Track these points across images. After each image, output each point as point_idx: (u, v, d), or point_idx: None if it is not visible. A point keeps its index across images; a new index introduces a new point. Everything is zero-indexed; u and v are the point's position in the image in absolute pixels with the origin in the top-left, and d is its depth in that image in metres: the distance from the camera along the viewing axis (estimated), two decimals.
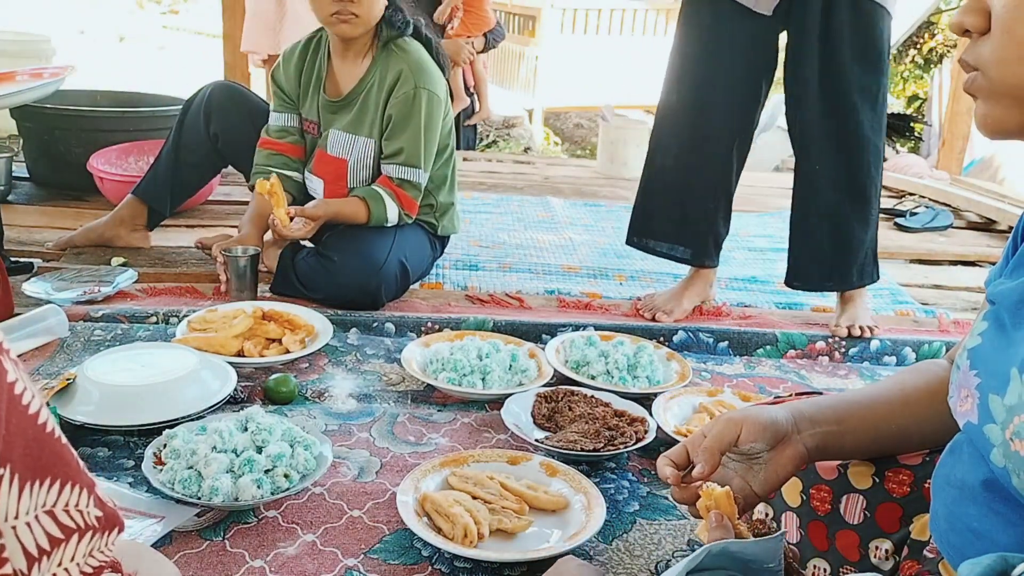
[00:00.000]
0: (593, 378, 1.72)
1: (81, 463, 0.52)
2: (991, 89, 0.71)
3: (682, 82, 2.03)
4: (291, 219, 1.99)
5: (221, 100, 2.27)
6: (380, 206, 2.05)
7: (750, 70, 1.98)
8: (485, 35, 4.44)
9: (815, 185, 2.00)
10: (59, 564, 0.47)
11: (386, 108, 2.06)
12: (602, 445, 1.43)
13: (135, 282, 2.10)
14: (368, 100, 2.08)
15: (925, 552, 0.88)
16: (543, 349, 1.82)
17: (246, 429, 1.32)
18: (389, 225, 2.08)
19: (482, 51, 4.19)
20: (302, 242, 2.15)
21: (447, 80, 2.16)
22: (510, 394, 1.60)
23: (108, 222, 2.34)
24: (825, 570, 1.01)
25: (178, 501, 1.22)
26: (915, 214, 3.30)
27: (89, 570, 0.49)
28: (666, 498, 1.37)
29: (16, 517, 0.43)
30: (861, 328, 2.05)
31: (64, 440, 0.50)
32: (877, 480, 0.97)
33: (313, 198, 2.17)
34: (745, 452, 0.95)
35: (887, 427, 0.94)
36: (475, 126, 4.52)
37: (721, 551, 0.75)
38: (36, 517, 0.45)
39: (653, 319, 2.10)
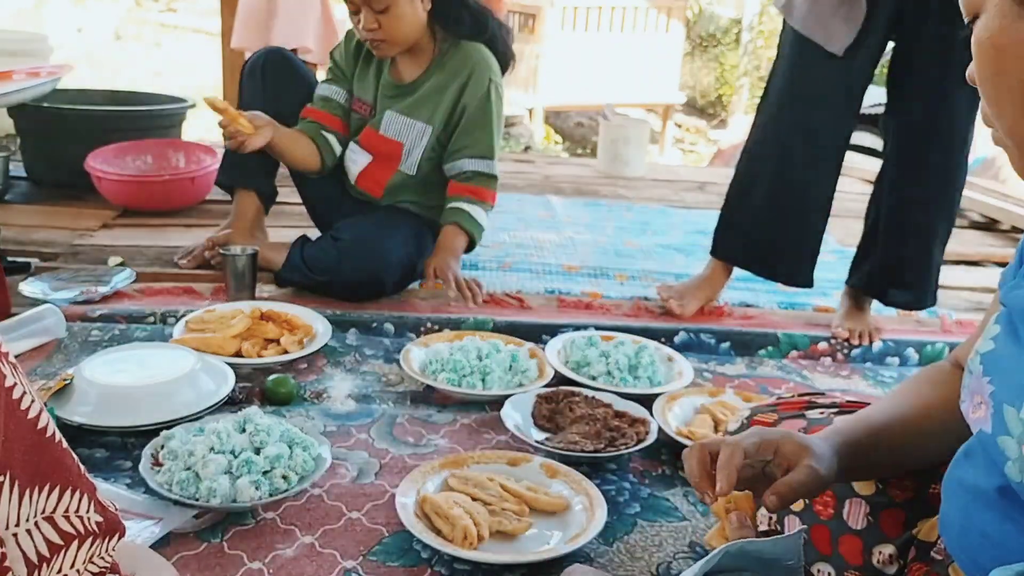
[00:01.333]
0: (594, 379, 1.71)
1: (81, 467, 0.51)
2: (1008, 142, 0.71)
3: (776, 115, 1.98)
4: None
5: (275, 59, 2.26)
6: (472, 222, 2.15)
7: (849, 101, 1.93)
8: None
9: (912, 202, 1.96)
10: (59, 571, 0.46)
11: (459, 99, 2.11)
12: (603, 446, 1.42)
13: (133, 282, 2.09)
14: (433, 88, 2.13)
15: (933, 554, 0.87)
16: (543, 349, 1.81)
17: (244, 430, 1.31)
18: (484, 229, 2.18)
19: None
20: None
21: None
22: (510, 395, 1.59)
23: (237, 229, 2.25)
24: (829, 574, 1.00)
25: (176, 502, 1.21)
26: None
27: None
28: (667, 499, 1.37)
29: (17, 524, 0.43)
30: (861, 335, 2.04)
31: (64, 444, 0.49)
32: (880, 486, 0.96)
33: (347, 171, 2.24)
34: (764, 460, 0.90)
35: (909, 449, 0.93)
36: None
37: (739, 551, 0.74)
38: (36, 524, 0.44)
39: (666, 303, 2.12)
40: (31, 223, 2.57)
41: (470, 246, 2.21)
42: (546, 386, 1.67)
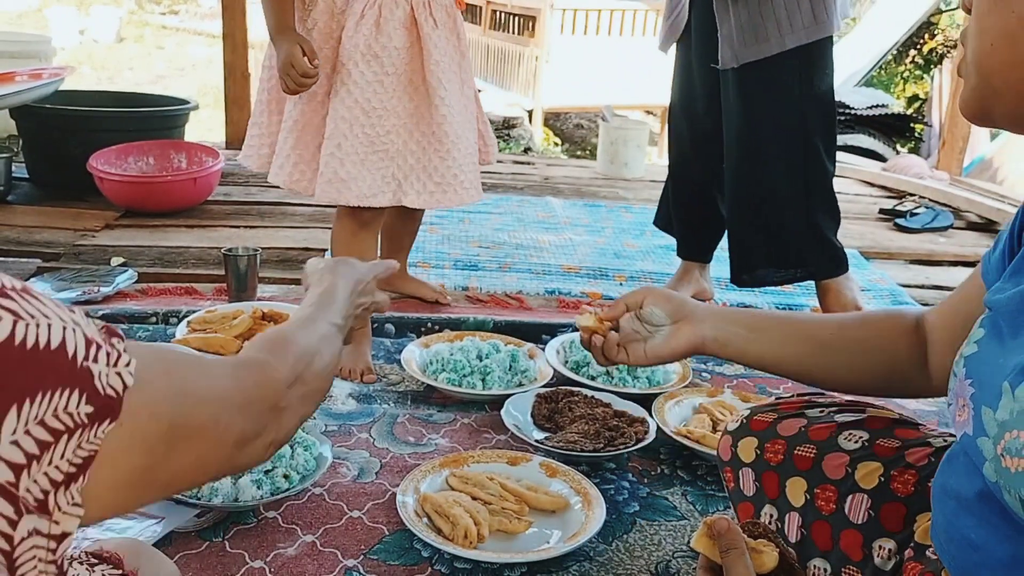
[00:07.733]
0: (593, 379, 1.72)
1: (80, 354, 0.48)
2: (967, 66, 0.72)
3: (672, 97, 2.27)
4: None
5: None
6: None
7: (709, 106, 2.11)
8: None
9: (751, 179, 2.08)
10: (50, 463, 0.46)
11: None
12: (602, 446, 1.43)
13: (134, 282, 2.10)
14: None
15: (928, 554, 0.88)
16: (543, 349, 1.82)
17: None
18: None
19: None
20: None
21: None
22: (510, 395, 1.60)
23: None
24: (826, 570, 1.00)
25: (178, 502, 1.22)
26: (915, 215, 3.30)
27: (79, 461, 0.47)
28: (666, 499, 1.37)
29: None
30: None
31: (55, 343, 0.46)
32: (883, 480, 0.97)
33: None
34: (648, 320, 1.03)
35: (794, 351, 1.00)
36: None
37: None
38: (27, 431, 0.44)
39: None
40: (33, 224, 2.58)
41: None
42: (546, 386, 1.68)
